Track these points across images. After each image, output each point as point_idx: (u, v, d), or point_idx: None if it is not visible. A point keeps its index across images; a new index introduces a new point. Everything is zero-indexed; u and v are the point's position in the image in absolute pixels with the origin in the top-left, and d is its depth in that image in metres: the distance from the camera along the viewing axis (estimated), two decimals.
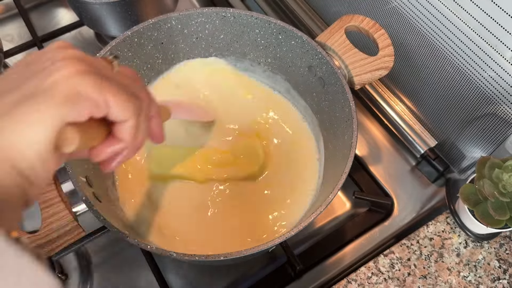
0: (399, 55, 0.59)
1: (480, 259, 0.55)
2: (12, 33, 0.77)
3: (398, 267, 0.55)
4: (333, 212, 0.61)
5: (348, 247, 0.58)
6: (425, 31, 0.54)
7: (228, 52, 0.60)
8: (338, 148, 0.51)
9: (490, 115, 0.52)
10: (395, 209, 0.61)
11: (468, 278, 0.54)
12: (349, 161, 0.45)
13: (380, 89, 0.67)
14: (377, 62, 0.51)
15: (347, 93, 0.49)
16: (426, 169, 0.63)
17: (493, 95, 0.50)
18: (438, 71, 0.56)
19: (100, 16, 0.65)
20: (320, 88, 0.55)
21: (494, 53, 0.47)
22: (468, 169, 0.60)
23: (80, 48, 0.28)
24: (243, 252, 0.41)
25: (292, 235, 0.42)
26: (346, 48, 0.52)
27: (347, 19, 0.53)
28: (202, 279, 0.56)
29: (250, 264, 0.57)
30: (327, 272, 0.56)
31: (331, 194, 0.43)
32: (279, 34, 0.55)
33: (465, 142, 0.58)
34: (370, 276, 0.54)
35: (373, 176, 0.63)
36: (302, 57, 0.55)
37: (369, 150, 0.65)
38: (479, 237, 0.56)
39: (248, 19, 0.55)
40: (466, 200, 0.51)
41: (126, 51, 0.53)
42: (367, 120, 0.68)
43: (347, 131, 0.49)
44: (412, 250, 0.56)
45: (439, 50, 0.53)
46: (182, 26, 0.55)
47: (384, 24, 0.58)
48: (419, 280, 0.54)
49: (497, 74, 0.48)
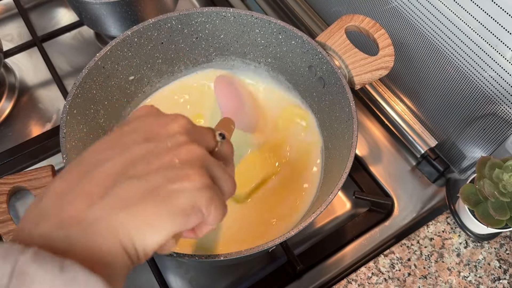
0: (399, 55, 0.59)
1: (481, 259, 0.55)
2: (12, 33, 0.77)
3: (398, 267, 0.55)
4: (333, 212, 0.61)
5: (348, 247, 0.58)
6: (425, 31, 0.54)
7: (228, 52, 0.60)
8: (338, 148, 0.51)
9: (491, 115, 0.52)
10: (395, 209, 0.60)
11: (469, 278, 0.54)
12: (349, 161, 0.45)
13: (380, 89, 0.67)
14: (377, 62, 0.51)
15: (347, 93, 0.49)
16: (427, 169, 0.63)
17: (493, 95, 0.50)
18: (438, 71, 0.56)
19: (100, 16, 0.65)
20: (320, 88, 0.55)
21: (494, 53, 0.47)
22: (468, 169, 0.60)
23: (80, 49, 0.28)
24: (243, 252, 0.41)
25: (292, 235, 0.42)
26: (346, 48, 0.52)
27: (347, 19, 0.53)
28: (202, 279, 0.56)
29: (250, 264, 0.57)
30: (327, 272, 0.56)
31: (331, 194, 0.43)
32: (279, 34, 0.55)
33: (466, 142, 0.58)
34: (370, 276, 0.54)
35: (373, 176, 0.63)
36: (302, 57, 0.55)
37: (369, 150, 0.65)
38: (480, 237, 0.56)
39: (248, 19, 0.55)
40: (467, 200, 0.51)
41: (126, 51, 0.53)
42: (367, 120, 0.68)
43: (347, 131, 0.49)
44: (413, 250, 0.56)
45: (439, 50, 0.53)
46: (182, 26, 0.55)
47: (384, 24, 0.58)
48: (420, 280, 0.54)
49: (497, 74, 0.48)
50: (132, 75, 0.56)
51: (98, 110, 0.53)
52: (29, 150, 0.62)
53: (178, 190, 0.27)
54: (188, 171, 0.28)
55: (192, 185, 0.27)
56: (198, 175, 0.28)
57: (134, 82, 0.57)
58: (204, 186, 0.28)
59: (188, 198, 0.27)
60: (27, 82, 0.72)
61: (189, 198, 0.27)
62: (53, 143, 0.63)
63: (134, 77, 0.57)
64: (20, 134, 0.66)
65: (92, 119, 0.52)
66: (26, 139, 0.64)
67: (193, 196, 0.27)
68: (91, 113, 0.52)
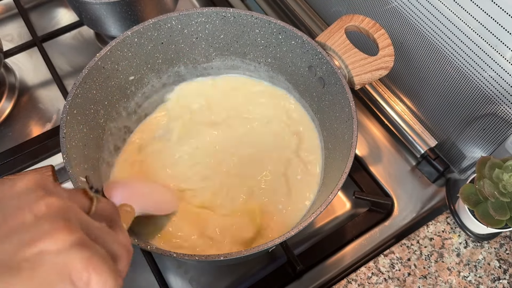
0: (399, 55, 0.59)
1: (480, 259, 0.55)
2: (12, 33, 0.77)
3: (398, 267, 0.55)
4: (333, 212, 0.61)
5: (348, 247, 0.58)
6: (425, 31, 0.54)
7: (228, 52, 0.60)
8: (338, 148, 0.51)
9: (490, 115, 0.52)
10: (395, 209, 0.60)
11: (468, 278, 0.54)
12: (349, 161, 0.45)
13: (380, 89, 0.67)
14: (377, 62, 0.51)
15: (347, 93, 0.49)
16: (426, 169, 0.63)
17: (493, 95, 0.50)
18: (438, 71, 0.56)
19: (100, 16, 0.65)
20: (320, 88, 0.55)
21: (494, 53, 0.47)
22: (468, 169, 0.60)
23: (80, 49, 0.27)
24: (243, 252, 0.41)
25: (292, 235, 0.42)
26: (346, 48, 0.52)
27: (347, 19, 0.53)
28: (202, 279, 0.56)
29: (250, 264, 0.57)
30: (327, 272, 0.56)
31: (331, 194, 0.43)
32: (279, 34, 0.55)
33: (465, 142, 0.58)
34: (370, 276, 0.54)
35: (373, 176, 0.63)
36: (302, 57, 0.55)
37: (369, 150, 0.65)
38: (479, 237, 0.56)
39: (248, 19, 0.55)
40: (466, 200, 0.51)
41: (126, 51, 0.53)
42: (367, 120, 0.68)
43: (347, 131, 0.49)
44: (412, 250, 0.56)
45: (439, 50, 0.53)
46: (182, 26, 0.55)
47: (384, 24, 0.58)
48: (419, 280, 0.54)
49: (497, 74, 0.48)
50: (132, 75, 0.56)
51: (98, 110, 0.53)
52: (29, 150, 0.63)
53: (36, 255, 0.20)
54: (47, 228, 0.21)
55: (55, 245, 0.21)
56: (63, 230, 0.21)
57: (134, 82, 0.57)
58: (72, 244, 0.21)
59: (51, 264, 0.20)
60: (27, 82, 0.72)
61: (51, 264, 0.20)
62: (53, 143, 0.63)
63: (134, 77, 0.57)
64: (20, 134, 0.67)
65: (92, 119, 0.52)
66: (26, 139, 0.64)
67: (57, 261, 0.20)
68: (91, 113, 0.52)
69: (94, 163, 0.52)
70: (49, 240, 0.21)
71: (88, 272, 0.21)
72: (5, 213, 0.22)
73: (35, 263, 0.20)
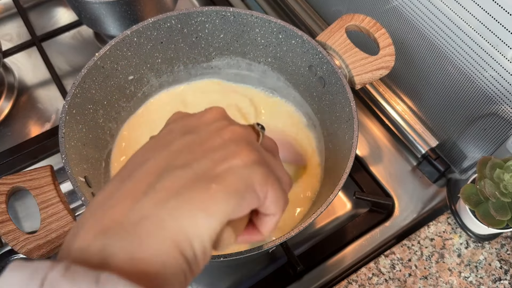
0: (400, 55, 0.58)
1: (481, 259, 0.55)
2: (11, 32, 0.77)
3: (399, 268, 0.55)
4: (334, 213, 0.61)
5: (348, 248, 0.57)
6: (426, 30, 0.53)
7: (228, 51, 0.60)
8: (338, 148, 0.51)
9: (491, 115, 0.51)
10: (396, 209, 0.60)
11: (469, 278, 0.54)
12: (350, 161, 0.45)
13: (381, 89, 0.67)
14: (378, 61, 0.51)
15: (348, 92, 0.49)
16: (427, 169, 0.63)
17: (494, 95, 0.49)
18: (439, 71, 0.55)
19: (99, 16, 0.64)
20: (320, 87, 0.55)
21: (495, 53, 0.46)
22: (469, 169, 0.59)
23: (79, 48, 0.28)
24: (243, 252, 0.40)
25: (293, 235, 0.42)
26: (347, 48, 0.52)
27: (347, 18, 0.53)
28: (202, 280, 0.56)
29: (250, 265, 0.56)
30: (327, 273, 0.56)
31: (332, 195, 0.43)
32: (279, 33, 0.55)
33: (466, 142, 0.58)
34: (370, 277, 0.54)
35: (374, 176, 0.63)
36: (302, 56, 0.55)
37: (369, 150, 0.65)
38: (480, 237, 0.56)
39: (248, 18, 0.55)
40: (467, 200, 0.50)
41: (125, 50, 0.53)
42: (368, 120, 0.68)
43: (348, 131, 0.48)
44: (413, 251, 0.56)
45: (440, 50, 0.53)
46: (181, 25, 0.55)
47: (385, 23, 0.58)
48: (420, 280, 0.54)
49: (498, 74, 0.47)
50: (131, 75, 0.56)
51: (97, 110, 0.53)
52: (28, 150, 0.62)
53: (227, 170, 0.24)
54: (234, 148, 0.26)
55: (241, 161, 0.25)
56: (246, 151, 0.26)
57: (133, 82, 0.57)
58: (254, 162, 0.25)
59: (239, 176, 0.24)
60: (26, 82, 0.71)
61: (240, 175, 0.24)
62: (52, 143, 0.62)
63: (133, 77, 0.57)
64: (19, 134, 0.66)
65: (92, 119, 0.52)
66: (25, 139, 0.63)
67: (244, 174, 0.25)
68: (90, 113, 0.51)
69: (93, 162, 0.51)
70: (236, 157, 0.25)
71: (266, 185, 0.25)
72: (201, 138, 0.27)
73: (227, 175, 0.24)
